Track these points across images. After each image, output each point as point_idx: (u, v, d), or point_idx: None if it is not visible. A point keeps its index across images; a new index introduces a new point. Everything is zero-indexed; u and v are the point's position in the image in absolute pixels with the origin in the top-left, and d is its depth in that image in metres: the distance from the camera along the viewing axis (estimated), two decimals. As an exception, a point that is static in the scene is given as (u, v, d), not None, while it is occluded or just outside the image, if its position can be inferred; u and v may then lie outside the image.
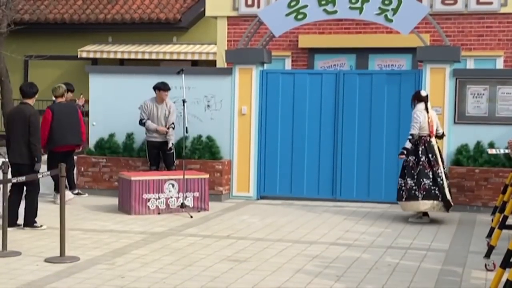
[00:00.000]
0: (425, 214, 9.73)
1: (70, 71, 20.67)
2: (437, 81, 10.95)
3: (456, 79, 10.96)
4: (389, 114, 11.25)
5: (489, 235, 7.82)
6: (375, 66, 14.61)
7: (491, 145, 10.67)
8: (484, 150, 10.66)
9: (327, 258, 7.42)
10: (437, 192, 9.49)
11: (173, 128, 10.93)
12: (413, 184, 9.56)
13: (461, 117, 10.95)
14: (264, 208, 10.86)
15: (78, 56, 19.90)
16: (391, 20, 11.04)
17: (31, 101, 9.05)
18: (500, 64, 13.95)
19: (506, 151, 9.83)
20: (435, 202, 9.50)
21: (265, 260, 7.29)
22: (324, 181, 11.53)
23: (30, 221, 8.83)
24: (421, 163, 9.57)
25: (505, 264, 5.48)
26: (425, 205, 9.51)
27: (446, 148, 10.89)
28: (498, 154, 10.42)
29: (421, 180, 9.51)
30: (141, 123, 11.07)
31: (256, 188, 11.72)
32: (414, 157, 9.62)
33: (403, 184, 9.65)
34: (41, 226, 8.80)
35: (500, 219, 7.14)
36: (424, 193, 9.48)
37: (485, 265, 6.93)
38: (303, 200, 11.50)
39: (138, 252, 7.56)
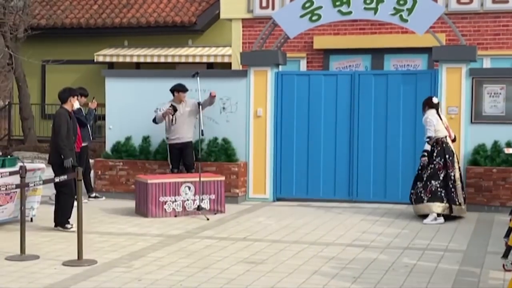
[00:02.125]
0: (439, 214, 9.66)
1: (87, 75, 20.79)
2: (453, 81, 10.90)
3: (473, 78, 10.90)
4: (405, 114, 11.21)
5: (507, 235, 7.74)
6: (391, 67, 14.56)
7: (509, 145, 10.59)
8: (501, 150, 10.58)
9: (343, 259, 7.41)
10: (443, 194, 9.56)
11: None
12: (421, 187, 9.69)
13: (478, 116, 10.88)
14: (280, 209, 10.86)
15: (95, 60, 20.00)
16: (406, 20, 11.00)
17: (67, 106, 9.22)
18: (517, 63, 13.86)
19: (523, 150, 9.78)
20: (440, 204, 9.56)
21: (281, 262, 7.29)
22: (341, 182, 11.50)
23: (60, 221, 9.01)
24: (434, 164, 9.65)
25: (523, 265, 5.44)
26: (427, 207, 9.61)
27: (463, 148, 10.83)
28: (515, 154, 10.35)
29: (429, 182, 9.62)
30: (154, 121, 11.15)
31: (272, 190, 11.72)
32: (427, 159, 9.72)
33: (414, 187, 9.84)
34: (71, 227, 8.84)
35: (518, 219, 7.10)
36: (430, 195, 9.59)
37: (503, 266, 6.88)
38: (320, 201, 11.48)
39: (155, 255, 7.58)
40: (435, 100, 9.93)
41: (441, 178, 9.60)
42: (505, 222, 9.00)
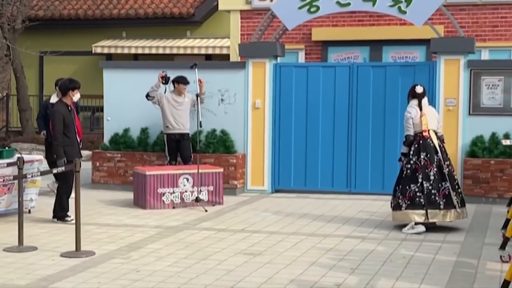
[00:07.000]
0: (418, 222, 8.40)
1: (85, 67, 20.77)
2: (451, 73, 10.90)
3: (471, 70, 10.90)
4: (403, 106, 11.12)
5: (505, 226, 7.78)
6: (389, 58, 14.56)
7: (506, 136, 10.61)
8: (499, 142, 10.60)
9: (341, 250, 7.42)
10: (422, 200, 8.31)
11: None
12: (399, 191, 8.51)
13: (476, 108, 10.89)
14: (278, 201, 10.87)
15: (93, 52, 19.98)
16: (404, 12, 10.99)
17: (65, 99, 9.02)
18: (515, 55, 13.87)
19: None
20: (421, 211, 8.33)
21: (279, 253, 7.30)
22: (339, 174, 11.51)
23: (59, 216, 8.98)
24: (410, 165, 8.42)
25: (520, 256, 5.46)
26: (406, 215, 8.40)
27: (461, 140, 10.85)
28: (513, 145, 10.37)
29: (407, 187, 8.40)
30: (147, 96, 11.04)
31: (271, 181, 11.73)
32: (406, 160, 8.53)
33: (396, 191, 8.63)
34: (71, 220, 8.76)
35: (515, 211, 7.12)
36: (408, 202, 8.37)
37: (500, 257, 6.90)
38: (318, 193, 11.50)
39: (153, 246, 7.60)
40: (418, 89, 8.62)
41: (418, 180, 8.34)
42: (502, 214, 9.01)
